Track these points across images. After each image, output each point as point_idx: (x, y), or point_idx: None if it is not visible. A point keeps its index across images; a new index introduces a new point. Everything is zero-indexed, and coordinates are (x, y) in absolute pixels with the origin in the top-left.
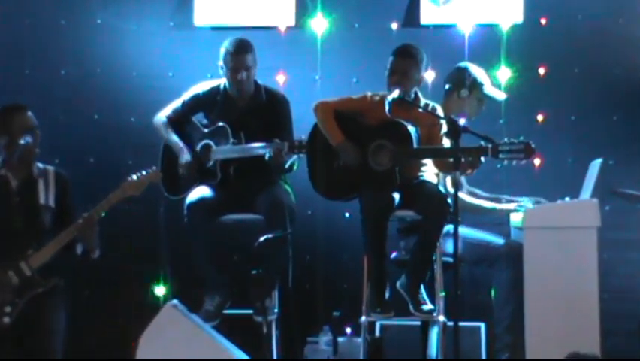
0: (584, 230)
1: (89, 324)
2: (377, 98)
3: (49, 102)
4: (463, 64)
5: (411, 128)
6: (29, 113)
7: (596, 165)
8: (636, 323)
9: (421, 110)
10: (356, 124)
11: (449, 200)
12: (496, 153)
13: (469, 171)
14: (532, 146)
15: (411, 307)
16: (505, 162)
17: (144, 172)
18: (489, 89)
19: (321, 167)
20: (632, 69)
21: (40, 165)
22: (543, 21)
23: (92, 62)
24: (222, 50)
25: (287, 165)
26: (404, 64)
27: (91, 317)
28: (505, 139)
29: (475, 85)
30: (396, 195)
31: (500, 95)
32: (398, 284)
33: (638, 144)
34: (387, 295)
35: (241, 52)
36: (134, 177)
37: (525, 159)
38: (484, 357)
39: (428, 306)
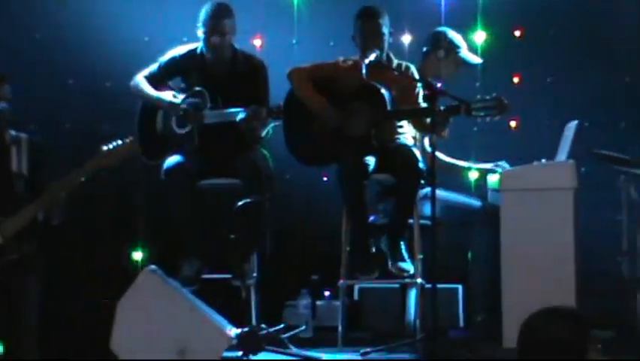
0: (561, 191)
1: (66, 290)
2: (350, 62)
3: (23, 67)
4: (440, 28)
5: (384, 92)
6: (6, 85)
7: (572, 126)
8: (612, 282)
9: (396, 73)
10: (330, 89)
11: (422, 165)
12: (469, 110)
13: (444, 133)
14: (505, 101)
15: (389, 263)
16: (479, 120)
17: (120, 142)
18: (465, 53)
19: (297, 133)
20: (608, 30)
21: (13, 132)
22: None
23: (67, 26)
24: (201, 13)
25: (263, 133)
26: (375, 25)
27: (68, 283)
28: (478, 96)
29: (452, 47)
30: (372, 159)
31: (476, 59)
32: (382, 245)
33: (613, 106)
34: (369, 262)
35: (219, 16)
36: (110, 146)
37: (499, 114)
38: (461, 318)
39: (406, 263)
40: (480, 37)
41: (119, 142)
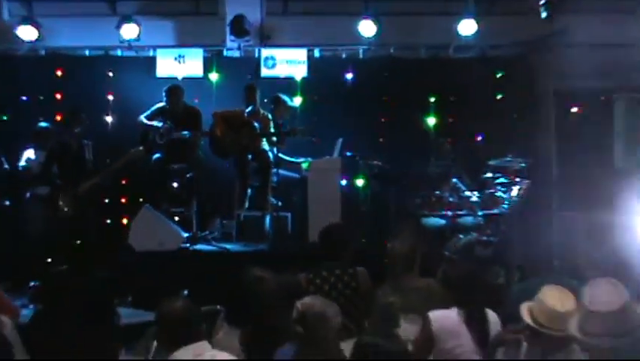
0: (334, 170)
1: (108, 218)
2: (240, 111)
3: (88, 112)
4: (277, 94)
5: (256, 124)
6: (83, 114)
7: (339, 141)
8: (361, 208)
9: (261, 116)
10: (230, 123)
11: (272, 160)
12: (295, 134)
13: (283, 146)
14: (312, 129)
15: (265, 205)
16: (300, 138)
17: (139, 148)
18: (291, 103)
19: (215, 142)
20: (361, 97)
21: (85, 140)
22: (316, 75)
23: (107, 92)
24: (165, 90)
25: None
26: (252, 93)
27: (108, 214)
28: (298, 127)
29: (284, 102)
30: (250, 156)
31: (295, 103)
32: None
33: (359, 131)
34: (246, 203)
35: (172, 95)
36: (133, 150)
37: (309, 136)
38: (289, 229)
39: (272, 203)
40: (298, 99)
41: (138, 148)
